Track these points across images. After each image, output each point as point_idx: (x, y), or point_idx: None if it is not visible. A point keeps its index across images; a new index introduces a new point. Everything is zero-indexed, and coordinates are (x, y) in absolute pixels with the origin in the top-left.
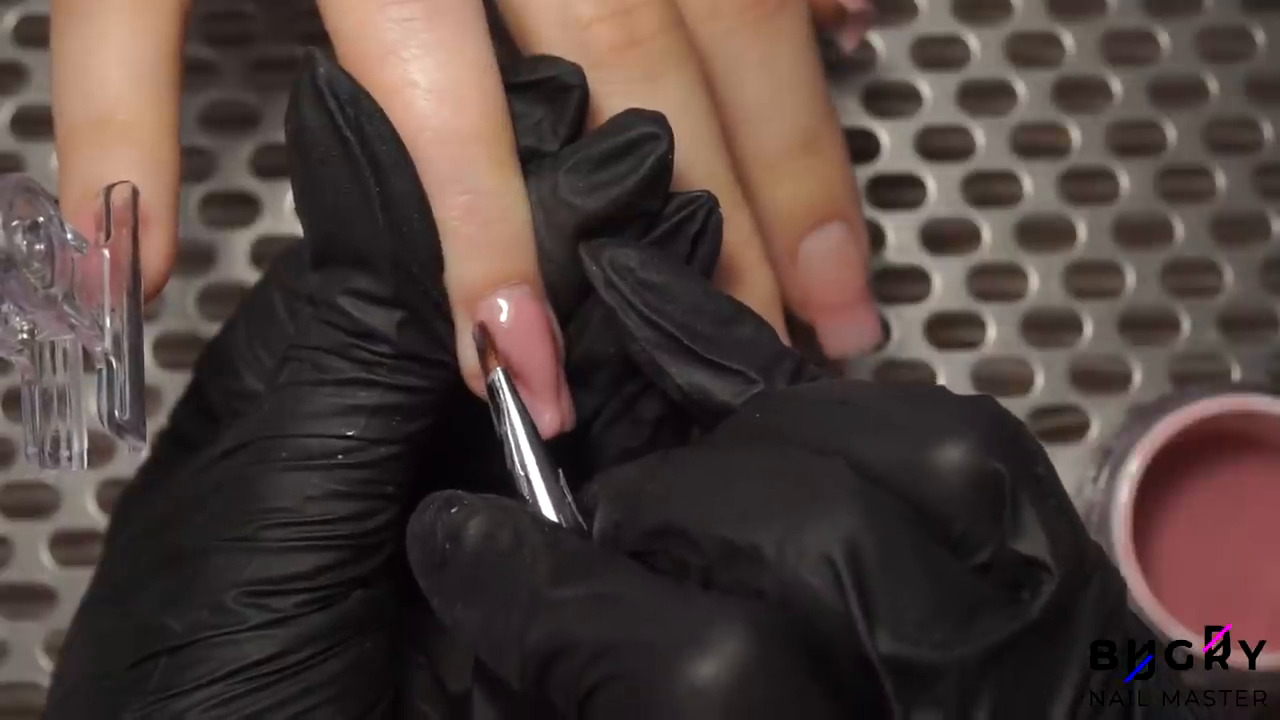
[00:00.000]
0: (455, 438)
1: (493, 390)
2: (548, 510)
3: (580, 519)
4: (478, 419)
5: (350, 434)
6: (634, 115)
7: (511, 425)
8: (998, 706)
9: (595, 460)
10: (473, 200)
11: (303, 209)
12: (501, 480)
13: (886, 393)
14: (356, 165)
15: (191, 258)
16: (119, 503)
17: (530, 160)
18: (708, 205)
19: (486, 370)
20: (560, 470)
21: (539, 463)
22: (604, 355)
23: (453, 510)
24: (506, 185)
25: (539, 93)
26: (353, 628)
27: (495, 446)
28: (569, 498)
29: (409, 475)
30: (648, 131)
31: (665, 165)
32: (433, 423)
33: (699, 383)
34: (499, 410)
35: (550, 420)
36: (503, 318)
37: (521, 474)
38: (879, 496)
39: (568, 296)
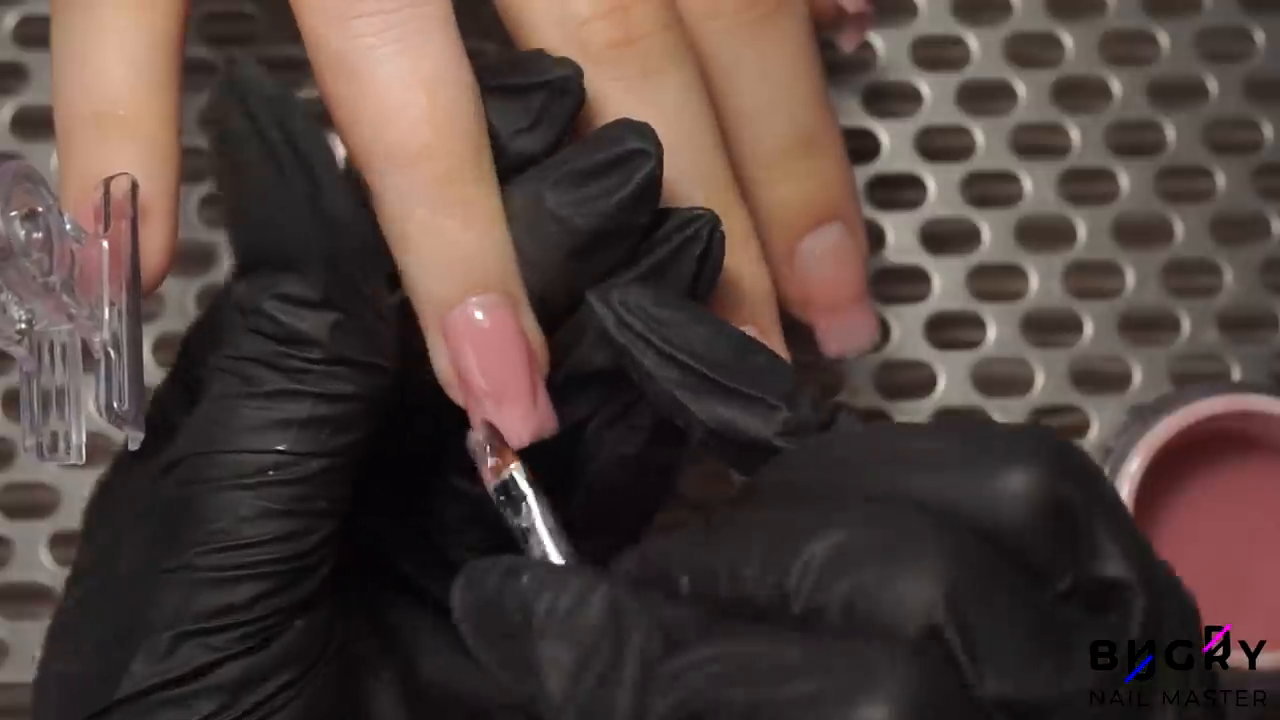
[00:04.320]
0: (410, 448)
1: (507, 487)
2: None
3: None
4: (429, 428)
5: (280, 448)
6: (622, 127)
7: (534, 519)
8: None
9: (588, 466)
10: (435, 213)
11: (228, 214)
12: (454, 492)
13: (935, 431)
14: (281, 165)
15: (191, 258)
16: (98, 490)
17: (519, 166)
18: (711, 223)
19: (499, 468)
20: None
21: (563, 558)
22: (597, 361)
23: (523, 579)
24: (476, 195)
25: (532, 93)
26: (296, 663)
27: (452, 459)
28: None
29: (344, 490)
30: (636, 148)
31: (653, 181)
32: (366, 435)
33: (723, 416)
34: (514, 505)
35: (522, 429)
36: (472, 326)
37: None
38: (962, 536)
39: (557, 303)
